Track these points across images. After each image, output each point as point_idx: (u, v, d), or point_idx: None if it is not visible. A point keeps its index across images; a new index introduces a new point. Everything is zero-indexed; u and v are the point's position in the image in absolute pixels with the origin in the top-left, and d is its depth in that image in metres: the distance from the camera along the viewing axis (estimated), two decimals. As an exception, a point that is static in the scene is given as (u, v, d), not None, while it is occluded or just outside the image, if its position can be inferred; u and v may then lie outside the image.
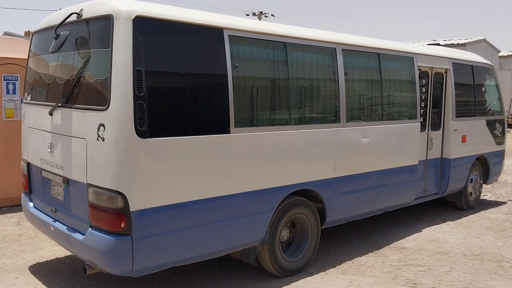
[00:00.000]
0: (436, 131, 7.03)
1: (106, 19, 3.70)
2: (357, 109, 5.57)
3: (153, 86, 3.71)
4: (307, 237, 5.11)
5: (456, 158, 7.22)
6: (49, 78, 4.46)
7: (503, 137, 8.39)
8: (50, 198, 4.43)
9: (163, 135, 3.76)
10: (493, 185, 9.78)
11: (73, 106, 3.99)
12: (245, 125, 4.38)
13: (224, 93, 4.16)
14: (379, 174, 5.83)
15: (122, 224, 3.63)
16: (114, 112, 3.57)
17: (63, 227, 4.16)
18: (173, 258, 4.00)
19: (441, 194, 7.21)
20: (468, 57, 7.89)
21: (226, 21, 4.32)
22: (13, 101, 7.16)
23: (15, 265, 5.07)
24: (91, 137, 3.75)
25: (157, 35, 3.78)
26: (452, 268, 5.26)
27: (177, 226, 3.92)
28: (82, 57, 3.97)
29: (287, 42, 4.75)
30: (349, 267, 5.23)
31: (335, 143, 5.22)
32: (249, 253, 4.64)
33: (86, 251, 3.87)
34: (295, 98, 4.84)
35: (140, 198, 3.67)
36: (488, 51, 26.51)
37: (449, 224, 7.02)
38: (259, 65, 4.60)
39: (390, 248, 5.88)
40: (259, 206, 4.51)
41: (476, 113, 7.67)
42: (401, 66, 6.22)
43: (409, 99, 6.30)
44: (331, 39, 5.24)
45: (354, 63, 5.50)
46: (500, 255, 5.70)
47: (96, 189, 3.72)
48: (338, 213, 5.40)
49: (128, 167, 3.62)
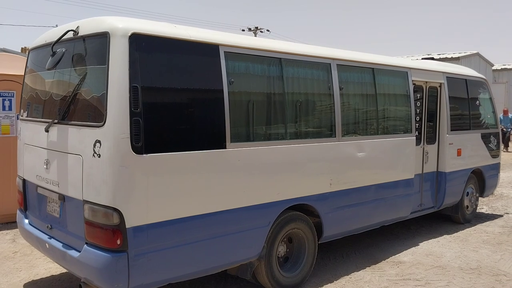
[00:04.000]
0: (432, 144, 7.06)
1: (102, 36, 3.73)
2: (352, 123, 5.60)
3: (149, 102, 3.73)
4: (304, 252, 5.09)
5: (452, 171, 7.25)
6: (46, 94, 4.47)
7: (498, 150, 8.45)
8: (46, 215, 4.40)
9: (159, 151, 3.76)
10: (489, 198, 9.79)
11: (69, 123, 3.99)
12: (241, 140, 4.38)
13: (220, 109, 4.18)
14: (375, 188, 5.84)
15: (118, 240, 3.61)
16: (110, 128, 3.58)
17: (58, 244, 4.13)
18: (169, 275, 3.97)
19: (437, 208, 7.22)
20: (462, 71, 7.97)
21: (222, 38, 4.36)
22: (9, 117, 7.17)
23: (9, 283, 5.02)
24: (87, 154, 3.74)
25: (153, 52, 3.81)
26: (450, 282, 5.25)
27: (173, 242, 3.90)
28: (79, 74, 3.99)
29: (283, 58, 4.79)
30: (346, 282, 5.20)
31: (331, 158, 5.23)
32: (246, 269, 4.61)
33: (82, 268, 3.84)
34: (290, 113, 4.86)
35: (136, 215, 3.66)
36: (481, 65, 26.73)
37: (446, 237, 7.02)
38: (255, 81, 4.63)
39: (387, 263, 5.86)
40: (256, 222, 4.50)
41: (471, 126, 7.73)
42: (396, 81, 6.27)
43: (404, 113, 6.34)
44: (326, 55, 5.29)
45: (349, 78, 5.55)
46: (498, 269, 5.69)
47: (91, 205, 3.71)
48: (335, 227, 5.39)
49: (124, 183, 3.61)
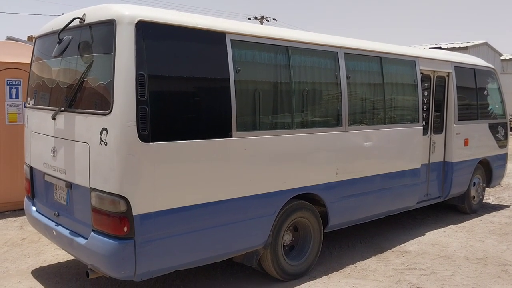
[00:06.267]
0: (439, 134, 7.02)
1: (109, 24, 3.72)
2: (359, 112, 5.57)
3: (156, 90, 3.72)
4: (310, 241, 5.10)
5: (459, 161, 7.21)
6: (52, 82, 4.47)
7: (505, 141, 8.38)
8: (53, 202, 4.43)
9: (165, 139, 3.77)
10: (496, 188, 9.75)
11: (76, 111, 4.00)
12: (247, 129, 4.38)
13: (226, 97, 4.17)
14: (381, 177, 5.82)
15: (125, 228, 3.63)
16: (117, 116, 3.58)
17: (65, 231, 4.16)
18: (175, 262, 4.00)
19: (443, 198, 7.20)
20: (470, 60, 7.89)
21: (228, 26, 4.33)
22: (16, 105, 7.19)
23: (17, 269, 5.08)
24: (94, 142, 3.76)
25: (159, 39, 3.79)
26: (455, 272, 5.25)
27: (179, 230, 3.92)
28: (85, 61, 3.99)
29: (289, 46, 4.76)
30: (352, 271, 5.22)
31: (337, 147, 5.22)
32: (252, 257, 4.63)
33: (89, 255, 3.87)
34: (297, 102, 4.84)
35: (142, 202, 3.68)
36: (490, 55, 26.45)
37: (452, 227, 7.01)
38: (261, 69, 4.61)
39: (393, 252, 5.86)
40: (262, 210, 4.51)
41: (478, 116, 7.67)
42: (403, 70, 6.22)
43: (411, 103, 6.30)
44: (333, 43, 5.25)
45: (356, 66, 5.51)
46: (504, 259, 5.68)
47: (99, 193, 3.73)
48: (340, 217, 5.39)
49: (131, 171, 3.62)
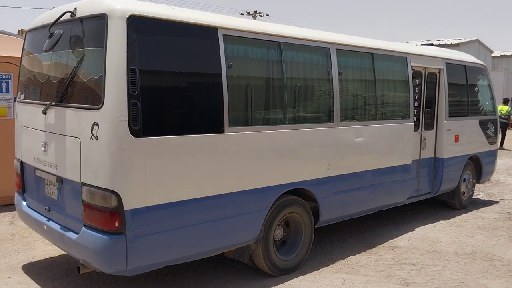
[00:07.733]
0: (429, 130, 7.07)
1: (100, 18, 3.69)
2: (351, 108, 5.59)
3: (147, 85, 3.71)
4: (301, 236, 5.13)
5: (449, 157, 7.27)
6: (43, 77, 4.44)
7: (495, 137, 8.47)
8: (44, 197, 4.41)
9: (157, 134, 3.76)
10: (485, 184, 9.84)
11: (67, 105, 3.97)
12: (239, 125, 4.38)
13: (218, 93, 4.17)
14: (372, 173, 5.86)
15: (116, 223, 3.62)
16: (108, 111, 3.57)
17: (56, 226, 4.15)
18: (167, 257, 4.00)
19: (434, 194, 7.26)
20: (461, 57, 7.95)
21: (221, 21, 4.32)
22: (6, 99, 7.13)
23: (8, 264, 5.05)
24: (85, 136, 3.74)
25: (151, 34, 3.78)
26: (445, 267, 5.30)
27: (171, 225, 3.92)
28: (76, 56, 3.96)
29: (282, 42, 4.76)
30: (342, 266, 5.25)
31: (329, 143, 5.24)
32: (243, 252, 4.65)
33: (80, 250, 3.86)
34: (289, 97, 4.85)
35: (134, 197, 3.67)
36: (481, 52, 26.60)
37: (442, 223, 7.07)
38: (254, 65, 4.61)
39: (384, 247, 5.91)
40: (253, 205, 4.53)
41: (469, 113, 7.73)
42: (395, 66, 6.25)
43: (402, 99, 6.33)
44: (325, 39, 5.26)
45: (348, 63, 5.52)
46: (492, 254, 5.74)
47: (90, 188, 3.71)
48: (331, 212, 5.42)
49: (122, 166, 3.61)
